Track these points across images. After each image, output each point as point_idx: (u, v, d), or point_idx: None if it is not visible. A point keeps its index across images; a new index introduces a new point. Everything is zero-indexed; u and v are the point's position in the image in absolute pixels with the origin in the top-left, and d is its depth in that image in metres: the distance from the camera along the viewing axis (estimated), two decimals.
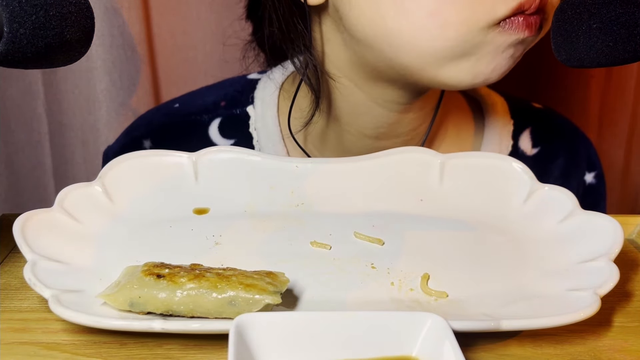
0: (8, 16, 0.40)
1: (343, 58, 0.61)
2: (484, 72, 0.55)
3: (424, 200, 0.56)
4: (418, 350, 0.38)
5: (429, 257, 0.50)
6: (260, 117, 0.69)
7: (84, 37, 0.45)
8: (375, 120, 0.64)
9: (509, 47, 0.54)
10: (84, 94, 0.86)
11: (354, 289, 0.46)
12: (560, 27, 0.47)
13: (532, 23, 0.53)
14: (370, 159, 0.57)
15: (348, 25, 0.56)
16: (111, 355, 0.41)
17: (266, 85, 0.70)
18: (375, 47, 0.56)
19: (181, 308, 0.41)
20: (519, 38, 0.53)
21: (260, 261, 0.49)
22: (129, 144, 0.71)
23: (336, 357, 0.38)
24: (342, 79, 0.62)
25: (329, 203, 0.55)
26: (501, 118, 0.71)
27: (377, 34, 0.55)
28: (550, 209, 0.52)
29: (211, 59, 0.88)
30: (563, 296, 0.44)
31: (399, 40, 0.54)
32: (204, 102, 0.72)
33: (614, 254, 0.45)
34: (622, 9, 0.43)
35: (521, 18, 0.52)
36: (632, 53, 0.44)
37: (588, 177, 0.76)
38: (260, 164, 0.57)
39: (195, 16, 0.87)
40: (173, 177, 0.56)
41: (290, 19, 0.60)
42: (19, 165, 0.92)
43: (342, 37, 0.59)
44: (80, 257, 0.47)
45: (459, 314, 0.44)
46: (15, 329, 0.43)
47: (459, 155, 0.57)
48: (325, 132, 0.67)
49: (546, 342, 0.43)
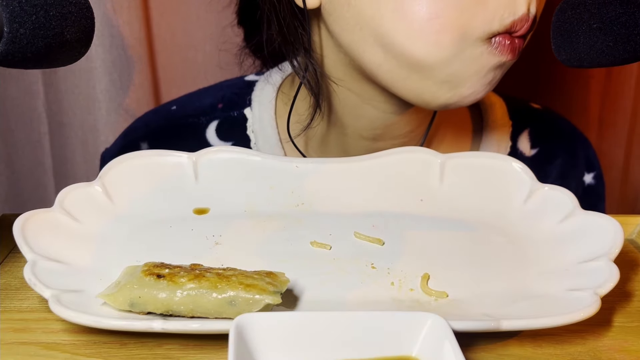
0: (8, 16, 0.40)
1: (337, 61, 0.61)
2: (462, 94, 0.55)
3: (424, 200, 0.56)
4: (418, 350, 0.38)
5: (429, 257, 0.50)
6: (257, 119, 0.69)
7: (84, 37, 0.45)
8: (371, 123, 0.64)
9: (490, 70, 0.54)
10: (83, 94, 0.86)
11: (354, 289, 0.46)
12: (560, 27, 0.47)
13: (516, 47, 0.54)
14: (370, 159, 0.57)
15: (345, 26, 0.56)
16: (111, 355, 0.41)
17: (263, 87, 0.70)
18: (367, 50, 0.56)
19: (181, 308, 0.41)
20: (501, 60, 0.54)
21: (260, 261, 0.49)
22: (126, 146, 0.71)
23: (336, 357, 0.38)
24: (338, 81, 0.62)
25: (329, 203, 0.55)
26: (500, 119, 0.71)
27: (370, 35, 0.55)
28: (550, 209, 0.52)
29: (211, 59, 0.88)
30: (563, 296, 0.44)
31: (392, 44, 0.54)
32: (201, 105, 0.72)
33: (614, 254, 0.45)
34: (622, 9, 0.43)
35: (508, 41, 0.53)
36: (632, 53, 0.44)
37: (587, 177, 0.76)
38: (260, 164, 0.57)
39: (195, 16, 0.87)
40: (173, 177, 0.56)
41: (291, 22, 0.60)
42: (19, 165, 0.92)
43: (333, 41, 0.59)
44: (80, 257, 0.47)
45: (459, 314, 0.44)
46: (15, 329, 0.43)
47: (459, 155, 0.57)
48: (326, 135, 0.67)
49: (546, 342, 0.43)
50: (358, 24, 0.55)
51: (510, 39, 0.53)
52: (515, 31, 0.53)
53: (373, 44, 0.55)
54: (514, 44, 0.53)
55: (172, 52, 0.88)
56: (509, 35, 0.53)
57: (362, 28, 0.55)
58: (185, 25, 0.87)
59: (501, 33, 0.53)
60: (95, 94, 0.85)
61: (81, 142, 0.89)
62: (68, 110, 0.87)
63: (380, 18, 0.54)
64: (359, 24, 0.55)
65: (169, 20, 0.87)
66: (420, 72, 0.55)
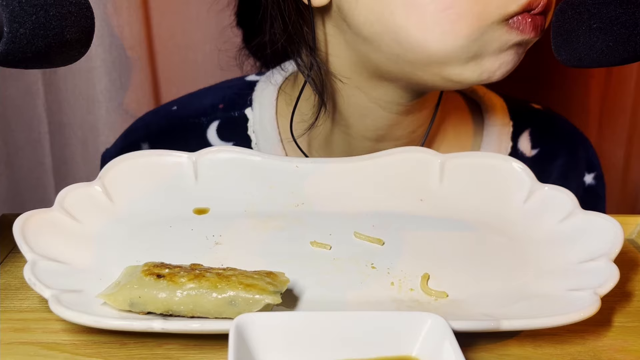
0: (8, 16, 0.40)
1: (345, 59, 0.61)
2: (489, 69, 0.55)
3: (424, 200, 0.56)
4: (418, 350, 0.38)
5: (429, 257, 0.50)
6: (258, 119, 0.69)
7: (84, 37, 0.45)
8: (375, 122, 0.64)
9: (512, 47, 0.54)
10: (83, 94, 0.86)
11: (354, 289, 0.46)
12: (560, 27, 0.47)
13: (538, 24, 0.53)
14: (370, 159, 0.57)
15: (354, 23, 0.56)
16: (111, 355, 0.41)
17: (264, 87, 0.70)
18: (382, 45, 0.56)
19: (181, 308, 0.41)
20: (523, 39, 0.53)
21: (260, 261, 0.49)
22: (127, 147, 0.71)
23: (336, 357, 0.38)
24: (343, 80, 0.62)
25: (329, 203, 0.55)
26: (500, 119, 0.71)
27: (384, 31, 0.55)
28: (550, 209, 0.52)
29: (211, 59, 0.88)
30: (563, 296, 0.44)
31: (407, 38, 0.54)
32: (202, 105, 0.72)
33: (614, 254, 0.45)
34: (622, 9, 0.43)
35: (529, 19, 0.53)
36: (632, 53, 0.44)
37: (587, 178, 0.76)
38: (260, 164, 0.57)
39: (195, 16, 0.87)
40: (173, 177, 0.56)
41: (297, 21, 0.59)
42: (19, 165, 0.92)
43: (344, 38, 0.59)
44: (80, 257, 0.47)
45: (459, 314, 0.44)
46: (15, 329, 0.43)
47: (459, 155, 0.57)
48: (329, 135, 0.67)
49: (546, 342, 0.43)
50: (368, 21, 0.55)
51: (531, 17, 0.53)
52: (533, 8, 0.52)
53: (387, 39, 0.55)
54: (535, 20, 0.53)
55: (172, 52, 0.88)
56: (527, 13, 0.53)
57: (373, 24, 0.55)
58: (185, 25, 0.87)
59: (519, 13, 0.52)
60: (95, 94, 0.85)
61: (81, 142, 0.89)
62: (68, 110, 0.87)
63: (390, 14, 0.53)
64: (369, 21, 0.55)
65: (169, 21, 0.87)
66: (440, 60, 0.55)
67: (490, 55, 0.54)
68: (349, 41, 0.59)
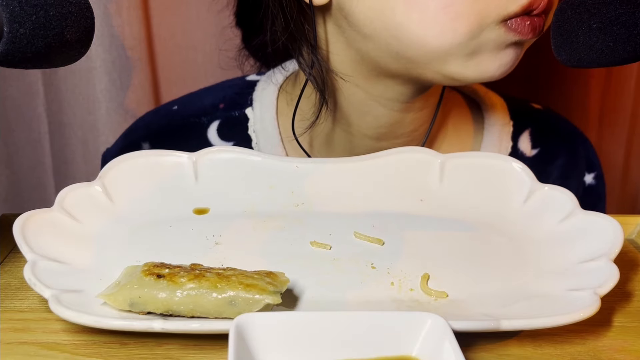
0: (8, 16, 0.40)
1: (345, 56, 0.61)
2: (489, 69, 0.55)
3: (424, 200, 0.56)
4: (418, 350, 0.38)
5: (429, 257, 0.50)
6: (259, 119, 0.69)
7: (84, 37, 0.45)
8: (376, 120, 0.64)
9: (509, 47, 0.55)
10: (83, 94, 0.86)
11: (354, 289, 0.46)
12: (560, 27, 0.47)
13: (537, 26, 0.53)
14: (370, 159, 0.57)
15: (354, 21, 0.56)
16: (111, 355, 0.41)
17: (265, 87, 0.70)
18: (382, 42, 0.56)
19: (181, 308, 0.41)
20: (522, 40, 0.54)
21: (261, 261, 0.49)
22: (127, 146, 0.71)
23: (336, 357, 0.38)
24: (344, 78, 0.62)
25: (329, 203, 0.55)
26: (500, 119, 0.71)
27: (385, 28, 0.55)
28: (550, 209, 0.52)
29: (211, 59, 0.88)
30: (563, 296, 0.44)
31: (408, 34, 0.54)
32: (202, 104, 0.72)
33: (614, 254, 0.45)
34: (622, 9, 0.43)
35: (527, 21, 0.53)
36: (632, 53, 0.44)
37: (587, 178, 0.76)
38: (260, 164, 0.57)
39: (195, 16, 0.87)
40: (173, 177, 0.56)
41: (298, 18, 0.60)
42: (19, 165, 0.92)
43: (344, 36, 0.59)
44: (80, 257, 0.47)
45: (459, 314, 0.44)
46: (15, 329, 0.43)
47: (459, 155, 0.57)
48: (330, 134, 0.67)
49: (546, 342, 0.43)
50: (369, 18, 0.55)
51: (530, 19, 0.53)
52: (533, 9, 0.53)
53: (388, 36, 0.55)
54: (534, 22, 0.53)
55: (172, 52, 0.88)
56: (526, 16, 0.53)
57: (373, 22, 0.55)
58: (185, 25, 0.87)
59: (518, 14, 0.52)
60: (95, 94, 0.85)
61: (81, 142, 0.89)
62: (68, 110, 0.87)
63: (390, 11, 0.54)
64: (369, 18, 0.55)
65: (169, 21, 0.87)
66: (439, 57, 0.55)
67: (488, 53, 0.54)
68: (350, 39, 0.59)
